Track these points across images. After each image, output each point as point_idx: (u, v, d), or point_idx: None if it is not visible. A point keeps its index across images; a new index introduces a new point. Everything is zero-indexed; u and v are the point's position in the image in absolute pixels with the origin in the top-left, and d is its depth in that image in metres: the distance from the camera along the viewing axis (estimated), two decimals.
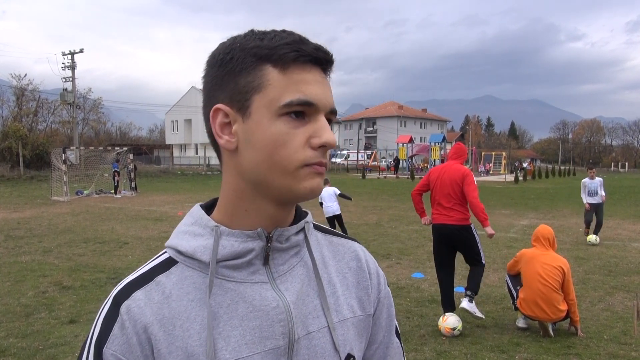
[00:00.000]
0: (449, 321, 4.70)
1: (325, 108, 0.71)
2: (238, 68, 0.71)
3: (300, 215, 0.82)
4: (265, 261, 0.75)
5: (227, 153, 0.74)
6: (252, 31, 0.73)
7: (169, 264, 0.75)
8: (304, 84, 0.69)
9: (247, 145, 0.71)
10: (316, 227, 0.87)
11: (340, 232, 0.92)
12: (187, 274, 0.73)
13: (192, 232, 0.76)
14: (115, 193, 19.99)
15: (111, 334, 0.69)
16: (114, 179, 20.29)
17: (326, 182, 9.20)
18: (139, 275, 0.74)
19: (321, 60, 0.71)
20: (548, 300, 4.51)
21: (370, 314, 0.85)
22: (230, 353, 0.70)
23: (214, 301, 0.71)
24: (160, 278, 0.73)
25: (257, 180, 0.72)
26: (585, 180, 10.14)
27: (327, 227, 0.91)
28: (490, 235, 4.95)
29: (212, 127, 0.74)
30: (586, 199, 10.07)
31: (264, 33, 0.72)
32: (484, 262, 5.00)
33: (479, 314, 4.95)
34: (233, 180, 0.75)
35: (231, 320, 0.71)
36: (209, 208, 0.80)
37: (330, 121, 0.74)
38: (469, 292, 4.96)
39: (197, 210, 0.78)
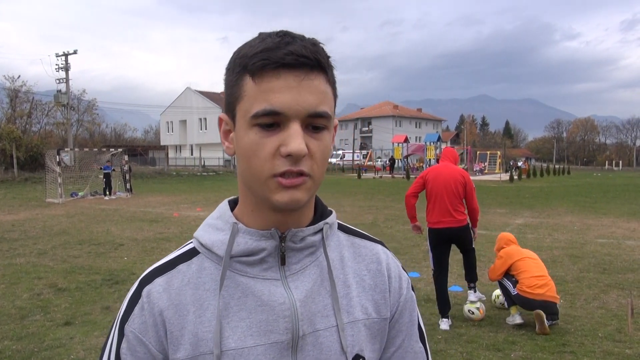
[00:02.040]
0: (481, 315, 5.14)
1: (298, 114, 0.69)
2: (230, 78, 0.74)
3: (322, 215, 0.84)
4: (282, 261, 0.78)
5: (235, 157, 0.78)
6: (259, 35, 0.74)
7: (192, 254, 0.81)
8: (272, 93, 0.69)
9: (237, 153, 0.76)
10: (341, 227, 0.89)
11: (368, 234, 0.92)
12: (205, 265, 0.79)
13: (215, 225, 0.81)
14: (105, 194, 19.68)
15: (132, 313, 0.77)
16: (103, 180, 20.02)
17: None
18: (164, 263, 0.81)
19: (291, 65, 0.69)
20: (546, 277, 4.85)
21: (387, 318, 0.85)
22: (235, 342, 0.75)
23: (226, 292, 0.76)
24: (182, 267, 0.80)
25: (248, 186, 0.77)
26: None
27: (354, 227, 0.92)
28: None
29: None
30: None
31: (258, 39, 0.73)
32: (474, 245, 5.34)
33: (481, 296, 5.42)
34: (239, 183, 0.80)
35: (240, 312, 0.76)
36: (236, 202, 0.84)
37: (317, 126, 0.72)
38: (472, 285, 5.37)
39: (224, 205, 0.84)
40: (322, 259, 0.82)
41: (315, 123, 0.71)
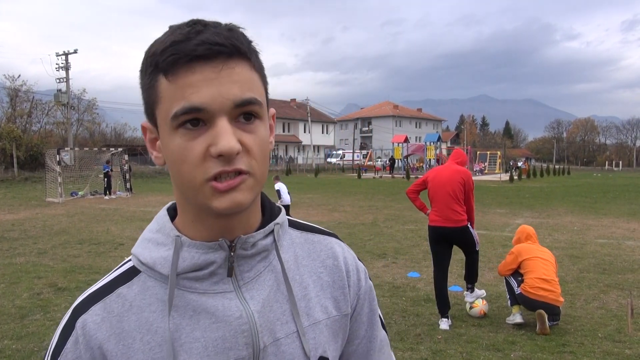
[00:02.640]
0: (477, 305, 5.21)
1: (223, 108, 0.63)
2: (144, 81, 0.68)
3: (271, 214, 0.78)
4: (230, 273, 0.72)
5: None
6: (169, 28, 0.67)
7: (131, 274, 0.73)
8: (189, 88, 0.63)
9: (166, 161, 0.69)
10: (292, 223, 0.84)
11: (320, 227, 0.88)
12: (149, 285, 0.72)
13: (155, 240, 0.74)
14: (105, 194, 19.66)
15: (64, 348, 0.69)
16: (104, 180, 20.04)
17: (277, 179, 11.06)
18: (100, 287, 0.73)
19: (205, 56, 0.63)
20: (552, 280, 4.80)
21: (348, 314, 0.83)
22: None
23: (176, 313, 0.70)
24: (121, 290, 0.72)
25: (183, 194, 0.70)
26: None
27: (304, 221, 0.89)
28: None
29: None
30: None
31: (167, 33, 0.66)
32: (478, 248, 5.27)
33: (481, 293, 5.37)
34: (175, 193, 0.73)
35: (193, 332, 0.70)
36: (177, 210, 0.76)
37: (252, 114, 0.66)
38: (469, 285, 5.33)
39: (162, 215, 0.76)
40: (276, 263, 0.76)
41: (245, 111, 0.65)
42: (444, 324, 4.88)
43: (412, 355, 4.24)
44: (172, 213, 0.76)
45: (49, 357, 0.70)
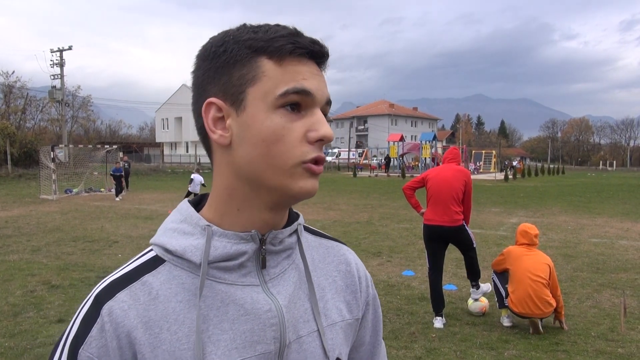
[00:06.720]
0: (483, 301, 5.30)
1: (322, 101, 0.70)
2: (232, 60, 0.68)
3: (292, 217, 0.80)
4: (263, 265, 0.73)
5: (220, 149, 0.71)
6: (244, 25, 0.71)
7: (155, 262, 0.71)
8: (299, 75, 0.68)
9: (242, 141, 0.68)
10: (306, 228, 0.86)
11: (329, 235, 0.91)
12: (175, 274, 0.70)
13: (181, 230, 0.72)
14: (117, 196, 18.13)
15: (89, 335, 0.66)
16: (113, 182, 18.42)
17: (198, 170, 14.19)
18: (124, 274, 0.71)
19: (317, 53, 0.70)
20: (539, 296, 4.57)
21: (358, 318, 0.84)
22: (219, 357, 0.67)
23: (203, 303, 0.69)
24: (147, 278, 0.70)
25: (251, 177, 0.69)
26: None
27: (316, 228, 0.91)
28: None
29: (204, 122, 0.70)
30: None
31: (258, 26, 0.71)
32: (475, 245, 5.24)
33: (487, 288, 5.36)
34: (226, 178, 0.71)
35: (221, 324, 0.69)
36: (196, 205, 0.77)
37: (325, 114, 0.73)
38: (474, 283, 5.32)
39: (185, 207, 0.75)
40: (299, 261, 0.78)
41: (325, 110, 0.73)
42: (438, 322, 4.90)
43: (406, 354, 4.25)
44: (193, 207, 0.76)
45: (68, 345, 0.67)
